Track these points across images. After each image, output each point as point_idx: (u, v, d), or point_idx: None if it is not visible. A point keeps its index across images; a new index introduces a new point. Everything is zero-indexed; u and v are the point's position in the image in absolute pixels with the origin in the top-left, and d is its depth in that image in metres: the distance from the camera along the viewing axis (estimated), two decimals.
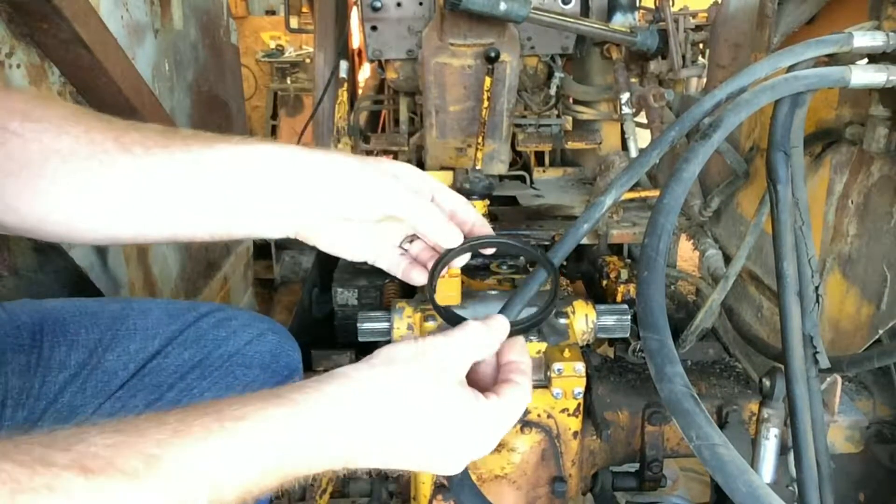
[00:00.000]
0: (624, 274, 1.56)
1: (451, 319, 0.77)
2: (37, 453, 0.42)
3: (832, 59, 0.90)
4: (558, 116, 2.20)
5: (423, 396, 0.63)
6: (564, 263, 0.74)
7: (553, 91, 2.13)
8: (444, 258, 0.79)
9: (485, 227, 0.83)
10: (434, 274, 0.79)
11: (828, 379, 1.16)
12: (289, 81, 7.46)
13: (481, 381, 0.73)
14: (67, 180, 0.67)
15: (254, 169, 0.72)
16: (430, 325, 1.24)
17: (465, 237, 0.79)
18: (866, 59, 0.91)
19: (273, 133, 7.36)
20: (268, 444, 0.54)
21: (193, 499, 0.48)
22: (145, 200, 0.69)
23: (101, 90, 1.24)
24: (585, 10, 2.00)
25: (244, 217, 0.72)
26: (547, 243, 1.69)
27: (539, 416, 1.20)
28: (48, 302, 0.99)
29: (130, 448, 0.46)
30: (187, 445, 0.49)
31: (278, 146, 0.74)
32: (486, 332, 0.72)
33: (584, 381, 1.17)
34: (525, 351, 0.75)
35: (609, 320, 1.24)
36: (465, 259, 0.82)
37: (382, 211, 0.74)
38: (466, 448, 0.67)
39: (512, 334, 0.76)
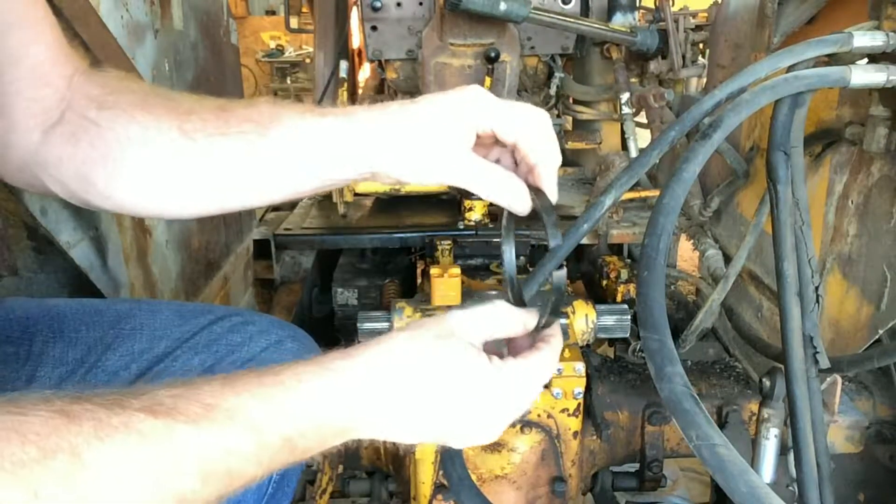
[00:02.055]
0: (624, 274, 1.56)
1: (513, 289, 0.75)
2: (114, 398, 0.48)
3: (832, 59, 0.90)
4: (558, 116, 2.20)
5: (434, 356, 0.63)
6: (565, 263, 0.74)
7: (553, 91, 2.13)
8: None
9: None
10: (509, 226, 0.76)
11: (828, 379, 1.15)
12: (289, 81, 7.47)
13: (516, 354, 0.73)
14: (145, 167, 0.73)
15: (317, 152, 0.73)
16: None
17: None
18: (866, 59, 0.91)
19: None
20: (304, 402, 0.57)
21: (242, 441, 0.52)
22: (216, 181, 0.74)
23: None
24: (585, 10, 2.00)
25: (311, 186, 0.75)
26: (547, 243, 1.69)
27: (539, 416, 1.20)
28: (51, 300, 0.98)
29: (189, 398, 0.51)
30: (235, 394, 0.54)
31: (337, 117, 0.73)
32: (509, 310, 0.71)
33: (584, 381, 1.17)
34: (559, 331, 0.74)
35: (609, 320, 1.24)
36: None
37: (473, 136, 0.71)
38: (483, 411, 0.66)
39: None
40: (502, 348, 0.74)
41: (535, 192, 0.71)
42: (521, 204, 0.74)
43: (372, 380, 0.61)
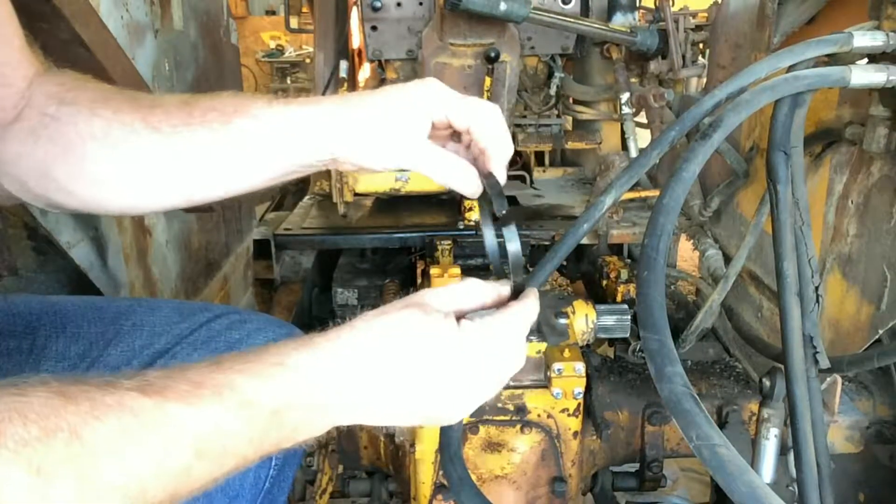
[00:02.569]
0: (624, 274, 1.56)
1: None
2: (106, 379, 0.50)
3: (832, 59, 0.90)
4: (558, 116, 2.20)
5: (401, 324, 0.64)
6: (565, 263, 0.74)
7: (553, 91, 2.13)
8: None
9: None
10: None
11: (828, 379, 1.15)
12: (289, 81, 7.47)
13: None
14: (108, 161, 0.74)
15: (279, 139, 0.75)
16: None
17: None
18: (866, 59, 0.91)
19: None
20: (288, 373, 0.58)
21: (231, 416, 0.53)
22: (181, 172, 0.75)
23: None
24: (585, 10, 2.00)
25: (275, 174, 0.78)
26: (547, 243, 1.69)
27: (539, 416, 1.20)
28: (53, 297, 0.99)
29: (177, 378, 0.53)
30: (221, 372, 0.55)
31: (300, 106, 0.75)
32: (480, 282, 0.73)
33: (584, 381, 1.17)
34: (534, 292, 0.74)
35: (609, 320, 1.24)
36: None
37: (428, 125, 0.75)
38: (460, 369, 0.65)
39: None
40: None
41: (486, 175, 0.75)
42: (469, 187, 0.77)
43: (349, 351, 0.62)
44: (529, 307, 0.72)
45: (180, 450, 0.50)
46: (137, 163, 0.74)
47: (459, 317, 0.68)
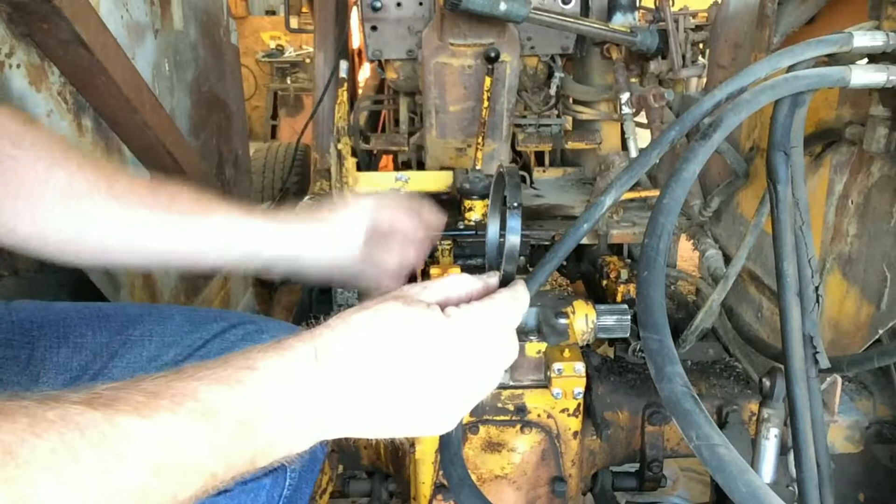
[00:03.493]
0: (624, 274, 1.55)
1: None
2: (49, 393, 0.46)
3: (832, 59, 0.90)
4: (558, 116, 2.20)
5: (384, 316, 0.61)
6: (565, 263, 0.75)
7: (553, 91, 2.13)
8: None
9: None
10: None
11: (828, 379, 1.15)
12: (289, 81, 7.47)
13: None
14: (65, 214, 0.78)
15: (229, 244, 0.87)
16: None
17: None
18: (866, 59, 0.91)
19: (273, 133, 7.36)
20: (257, 380, 0.53)
21: (191, 428, 0.49)
22: (131, 246, 0.82)
23: (101, 90, 1.24)
24: (585, 10, 2.00)
25: (213, 266, 0.90)
26: (547, 243, 1.69)
27: (539, 416, 1.20)
28: (57, 304, 0.97)
29: (130, 389, 0.49)
30: (181, 381, 0.51)
31: (254, 222, 0.88)
32: (466, 275, 0.71)
33: (584, 381, 1.17)
34: (522, 283, 0.71)
35: (609, 320, 1.24)
36: None
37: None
38: (446, 361, 0.61)
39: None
40: None
41: (505, 167, 0.77)
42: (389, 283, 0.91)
43: (327, 351, 0.58)
44: (518, 295, 0.69)
45: (133, 467, 0.45)
46: (92, 223, 0.79)
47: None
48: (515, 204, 0.70)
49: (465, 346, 0.62)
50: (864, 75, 0.84)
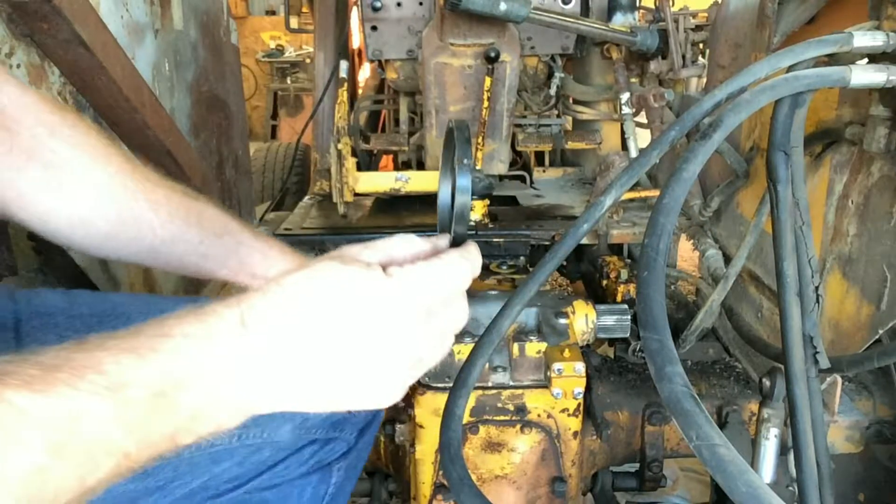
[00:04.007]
0: (624, 274, 1.56)
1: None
2: None
3: (832, 59, 0.90)
4: (558, 116, 2.20)
5: (317, 276, 0.55)
6: (565, 263, 0.74)
7: (553, 91, 2.13)
8: None
9: None
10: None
11: (828, 379, 1.15)
12: (289, 81, 7.47)
13: None
14: (101, 215, 0.78)
15: (243, 267, 0.90)
16: None
17: None
18: (866, 59, 0.91)
19: (273, 133, 7.36)
20: (174, 347, 0.49)
21: (95, 402, 0.44)
22: (161, 252, 0.83)
23: (101, 90, 1.24)
24: (585, 10, 2.00)
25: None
26: (547, 243, 1.69)
27: (539, 416, 1.20)
28: (115, 296, 0.98)
29: (26, 361, 0.44)
30: (84, 352, 0.47)
31: (272, 252, 0.91)
32: (413, 236, 0.66)
33: (584, 381, 1.17)
34: (474, 248, 0.65)
35: (609, 320, 1.24)
36: None
37: None
38: (386, 320, 0.55)
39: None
40: None
41: (456, 122, 0.69)
42: None
43: (254, 313, 0.52)
44: (470, 256, 0.63)
45: (27, 446, 0.41)
46: (128, 226, 0.80)
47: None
48: (465, 161, 0.65)
49: (407, 307, 0.56)
50: (864, 75, 0.84)
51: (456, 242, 0.66)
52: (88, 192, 0.77)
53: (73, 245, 0.83)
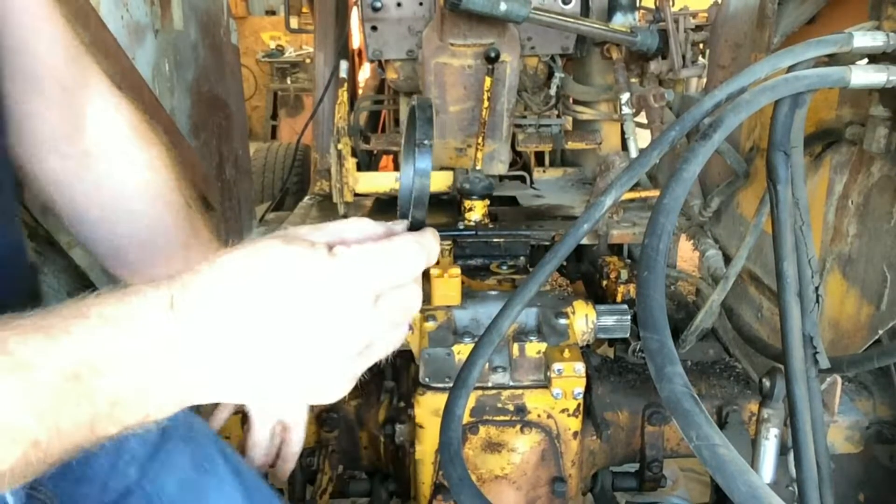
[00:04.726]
0: (624, 274, 1.56)
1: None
2: None
3: (832, 59, 0.90)
4: (558, 116, 2.20)
5: (265, 258, 0.51)
6: (565, 263, 0.74)
7: (553, 91, 2.13)
8: None
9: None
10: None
11: (828, 379, 1.15)
12: (289, 81, 7.47)
13: None
14: (163, 262, 0.84)
15: None
16: (430, 325, 1.24)
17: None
18: (866, 60, 0.91)
19: (273, 133, 7.36)
20: (90, 327, 0.46)
21: (2, 384, 0.42)
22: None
23: None
24: (585, 10, 2.00)
25: None
26: (547, 243, 1.69)
27: (539, 416, 1.20)
28: None
29: None
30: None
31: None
32: (368, 220, 0.59)
33: (584, 381, 1.17)
34: (431, 233, 0.59)
35: (609, 320, 1.24)
36: None
37: None
38: (328, 302, 0.51)
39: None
40: None
41: (417, 102, 0.65)
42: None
43: (186, 294, 0.48)
44: (425, 241, 0.57)
45: None
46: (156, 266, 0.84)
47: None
48: (426, 142, 0.61)
49: (352, 289, 0.51)
50: (865, 75, 0.84)
51: (413, 228, 0.61)
52: (159, 239, 0.84)
53: (104, 263, 0.88)
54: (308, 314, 0.50)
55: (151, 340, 0.47)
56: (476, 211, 1.74)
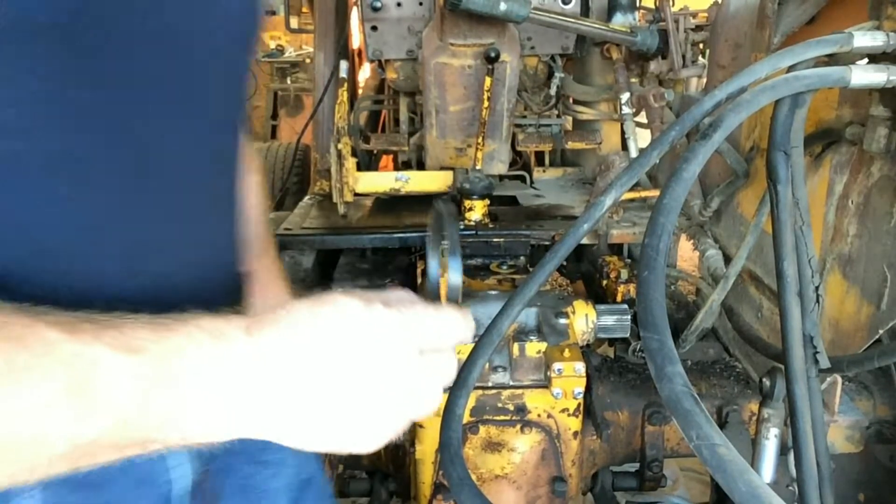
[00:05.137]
0: (624, 274, 1.56)
1: None
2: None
3: (832, 59, 0.90)
4: (558, 116, 2.20)
5: (312, 306, 0.55)
6: (565, 263, 0.74)
7: (553, 91, 2.13)
8: None
9: None
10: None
11: (828, 379, 1.15)
12: (289, 81, 7.47)
13: None
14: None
15: None
16: None
17: None
18: (866, 59, 0.91)
19: (273, 133, 7.36)
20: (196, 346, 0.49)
21: (116, 360, 0.45)
22: None
23: None
24: (585, 10, 2.00)
25: None
26: (547, 243, 1.69)
27: (539, 416, 1.20)
28: None
29: (67, 314, 0.46)
30: (107, 315, 0.48)
31: None
32: (404, 291, 0.65)
33: (584, 381, 1.17)
34: (469, 315, 0.64)
35: (609, 320, 1.24)
36: None
37: None
38: (376, 353, 0.55)
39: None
40: None
41: (443, 200, 0.75)
42: None
43: (260, 324, 0.53)
44: (467, 318, 0.63)
45: (47, 377, 0.43)
46: None
47: None
48: (454, 249, 0.68)
49: (403, 339, 0.56)
50: (865, 75, 0.84)
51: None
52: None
53: None
54: (362, 357, 0.54)
55: (233, 355, 0.50)
56: (476, 211, 1.74)
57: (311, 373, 0.53)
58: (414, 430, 1.21)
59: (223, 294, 0.72)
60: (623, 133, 1.94)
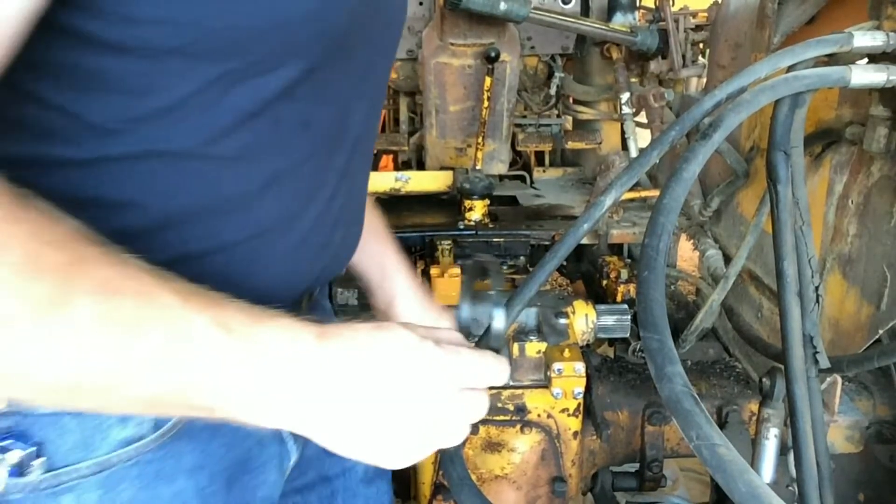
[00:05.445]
0: (624, 274, 1.56)
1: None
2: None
3: (832, 59, 0.90)
4: (558, 116, 2.20)
5: (399, 345, 0.61)
6: (565, 263, 0.75)
7: (553, 91, 2.13)
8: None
9: None
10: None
11: (828, 379, 1.15)
12: None
13: None
14: None
15: None
16: None
17: None
18: (866, 59, 0.91)
19: None
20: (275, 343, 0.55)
21: (210, 332, 0.52)
22: None
23: None
24: (585, 10, 2.00)
25: None
26: (547, 243, 1.69)
27: (539, 416, 1.20)
28: None
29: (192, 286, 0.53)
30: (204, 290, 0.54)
31: None
32: (453, 331, 0.72)
33: (584, 381, 1.17)
34: (505, 361, 0.71)
35: (609, 320, 1.24)
36: None
37: None
38: (420, 385, 0.61)
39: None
40: None
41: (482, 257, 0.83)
42: None
43: (329, 332, 0.58)
44: (503, 363, 0.70)
45: (149, 332, 0.49)
46: None
47: None
48: (499, 298, 0.76)
49: (447, 372, 0.63)
50: (864, 75, 0.84)
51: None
52: None
53: None
54: (408, 384, 0.60)
55: (303, 358, 0.56)
56: (476, 211, 1.74)
57: (363, 387, 0.58)
58: None
59: (355, 244, 0.85)
60: (623, 133, 1.94)
